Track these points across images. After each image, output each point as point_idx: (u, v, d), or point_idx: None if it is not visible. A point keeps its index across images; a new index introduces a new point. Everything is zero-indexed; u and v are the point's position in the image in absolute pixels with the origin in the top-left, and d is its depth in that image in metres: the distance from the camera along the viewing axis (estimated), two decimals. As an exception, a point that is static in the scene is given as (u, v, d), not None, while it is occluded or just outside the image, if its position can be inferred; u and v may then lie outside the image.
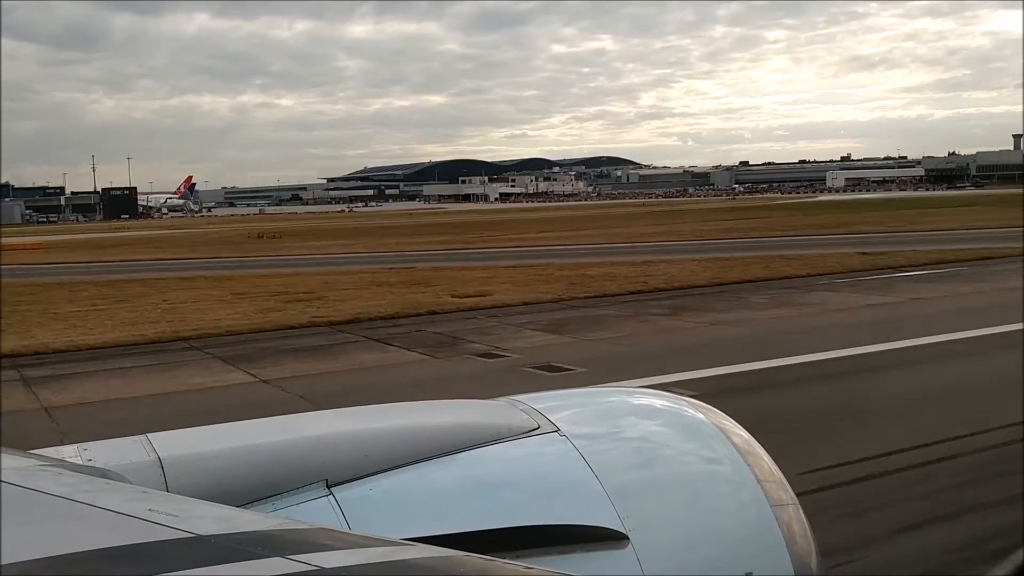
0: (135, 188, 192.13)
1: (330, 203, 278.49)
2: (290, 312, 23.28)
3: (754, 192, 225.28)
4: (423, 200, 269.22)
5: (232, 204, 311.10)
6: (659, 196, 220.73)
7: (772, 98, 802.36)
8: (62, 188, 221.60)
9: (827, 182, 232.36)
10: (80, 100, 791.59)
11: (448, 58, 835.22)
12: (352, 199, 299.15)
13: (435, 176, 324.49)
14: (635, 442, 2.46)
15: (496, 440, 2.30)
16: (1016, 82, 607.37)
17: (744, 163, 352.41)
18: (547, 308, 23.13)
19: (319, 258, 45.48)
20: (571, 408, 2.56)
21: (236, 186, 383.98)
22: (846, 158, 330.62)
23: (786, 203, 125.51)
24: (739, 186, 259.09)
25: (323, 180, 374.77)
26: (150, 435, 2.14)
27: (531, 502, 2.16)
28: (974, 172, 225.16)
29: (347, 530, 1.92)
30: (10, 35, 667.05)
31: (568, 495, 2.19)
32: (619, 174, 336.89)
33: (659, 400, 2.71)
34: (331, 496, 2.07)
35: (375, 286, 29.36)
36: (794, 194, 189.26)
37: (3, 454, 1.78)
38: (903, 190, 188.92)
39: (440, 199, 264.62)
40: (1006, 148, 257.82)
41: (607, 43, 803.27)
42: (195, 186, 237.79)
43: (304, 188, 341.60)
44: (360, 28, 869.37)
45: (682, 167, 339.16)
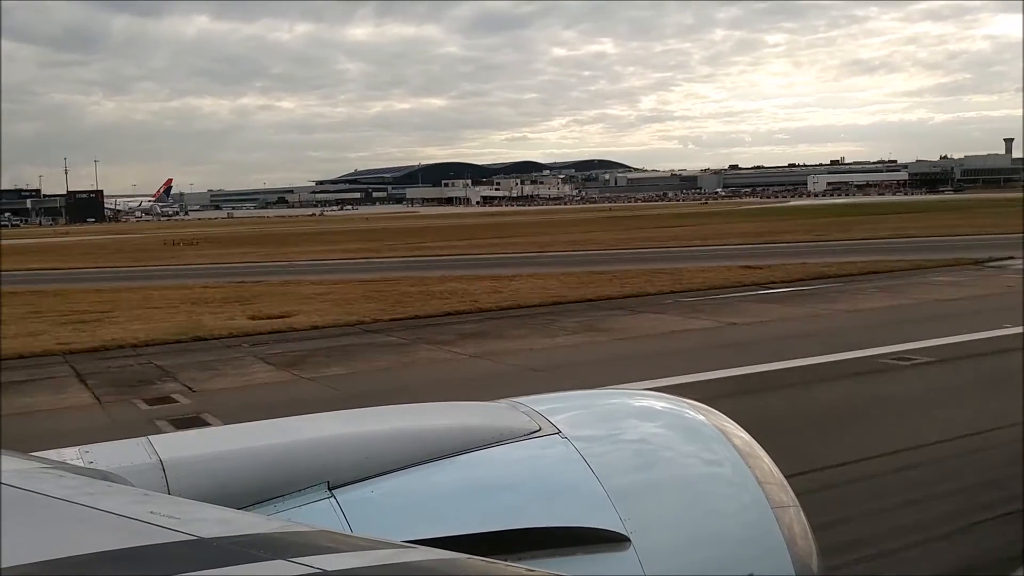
0: (101, 191, 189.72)
1: (315, 206, 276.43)
2: (43, 339, 20.60)
3: (734, 196, 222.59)
4: (407, 203, 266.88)
5: (218, 207, 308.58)
6: (638, 200, 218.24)
7: (772, 102, 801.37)
8: (38, 191, 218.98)
9: (808, 186, 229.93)
10: (80, 102, 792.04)
11: (448, 61, 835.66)
12: (339, 202, 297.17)
13: (415, 180, 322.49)
14: (636, 444, 2.44)
15: (497, 442, 2.28)
16: (1016, 86, 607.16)
17: (734, 166, 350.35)
18: (336, 333, 20.41)
19: (190, 269, 42.69)
20: (572, 410, 2.55)
21: (222, 188, 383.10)
22: (836, 162, 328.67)
23: (749, 208, 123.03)
24: (721, 190, 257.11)
25: (311, 183, 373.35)
26: (151, 437, 2.14)
27: (532, 504, 2.15)
28: (959, 176, 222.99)
29: (349, 532, 1.91)
30: (9, 36, 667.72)
31: (569, 497, 2.18)
32: (607, 177, 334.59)
33: (660, 402, 2.70)
34: (333, 498, 2.05)
35: (189, 303, 26.67)
36: (771, 199, 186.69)
37: (4, 456, 1.77)
38: (882, 195, 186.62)
39: (423, 202, 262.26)
40: (994, 152, 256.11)
41: (607, 46, 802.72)
42: (171, 189, 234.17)
43: (291, 191, 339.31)
44: (360, 31, 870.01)
45: (671, 171, 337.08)
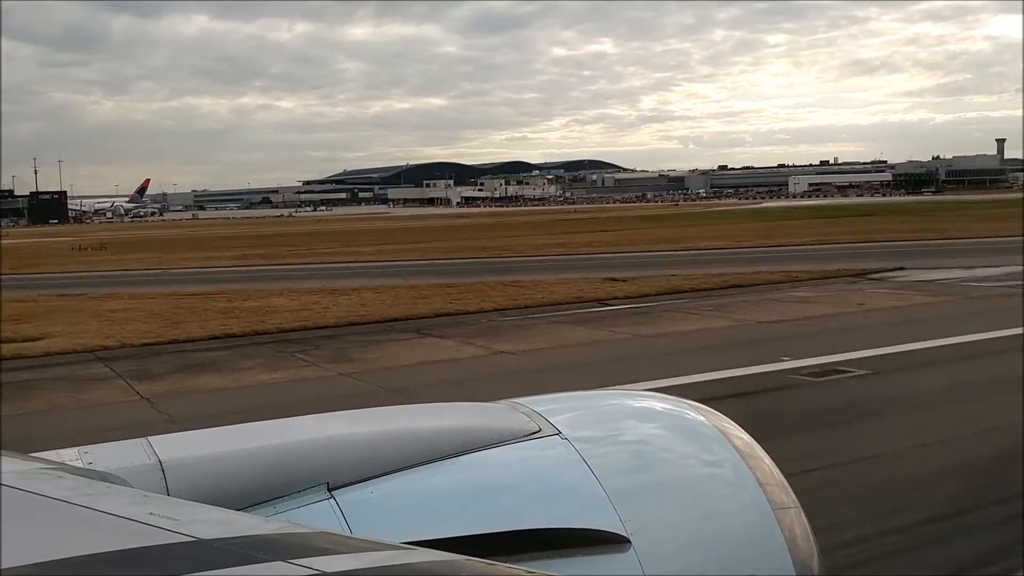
0: (64, 192, 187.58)
1: (299, 206, 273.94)
2: None
3: (713, 198, 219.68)
4: (390, 204, 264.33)
5: (202, 207, 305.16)
6: (616, 201, 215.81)
7: (773, 102, 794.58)
8: (11, 191, 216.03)
9: (789, 187, 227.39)
10: (79, 102, 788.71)
11: (447, 60, 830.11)
12: (323, 202, 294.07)
13: (401, 180, 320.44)
14: (636, 445, 2.42)
15: (497, 443, 2.27)
16: (1016, 86, 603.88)
17: (723, 167, 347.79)
18: (66, 361, 17.72)
19: (30, 279, 39.75)
20: (572, 411, 2.53)
21: (207, 189, 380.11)
22: (826, 162, 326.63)
23: (714, 210, 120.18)
24: (703, 191, 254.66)
25: (298, 183, 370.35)
26: (151, 438, 2.13)
27: (532, 505, 2.14)
28: (943, 177, 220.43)
29: (348, 534, 1.91)
30: (9, 36, 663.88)
31: (569, 498, 2.17)
32: (595, 178, 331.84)
33: (660, 403, 2.68)
34: (332, 500, 2.04)
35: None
36: (750, 200, 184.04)
37: (3, 457, 1.77)
38: (860, 196, 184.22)
39: (405, 203, 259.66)
40: (983, 153, 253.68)
41: (607, 46, 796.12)
42: (146, 190, 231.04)
43: (276, 191, 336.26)
44: (359, 30, 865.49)
45: (659, 172, 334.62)
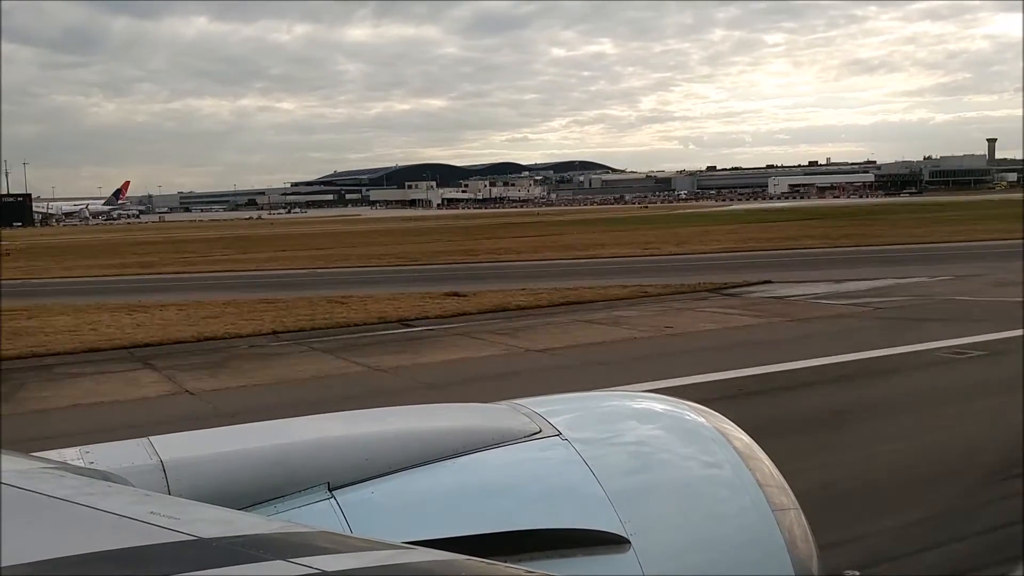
0: (29, 195, 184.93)
1: (283, 208, 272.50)
2: None
3: (689, 199, 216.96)
4: (372, 206, 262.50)
5: (187, 209, 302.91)
6: (595, 203, 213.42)
7: (772, 102, 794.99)
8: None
9: (769, 189, 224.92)
10: (80, 103, 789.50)
11: (447, 61, 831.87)
12: (310, 204, 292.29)
13: (391, 181, 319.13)
14: (637, 446, 2.42)
15: (498, 444, 2.27)
16: (1016, 86, 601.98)
17: (712, 167, 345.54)
18: None
19: None
20: (572, 412, 2.53)
21: (193, 191, 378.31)
22: (814, 163, 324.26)
23: (679, 213, 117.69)
24: (684, 193, 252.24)
25: (286, 185, 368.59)
26: (152, 438, 2.12)
27: (533, 506, 2.14)
28: (927, 178, 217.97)
29: (349, 534, 1.91)
30: (9, 38, 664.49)
31: (570, 499, 2.17)
32: (581, 179, 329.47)
33: (660, 404, 2.67)
34: (333, 499, 2.04)
35: None
36: (727, 201, 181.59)
37: (5, 456, 1.77)
38: (836, 197, 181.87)
39: (387, 204, 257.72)
40: (970, 153, 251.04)
41: (606, 47, 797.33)
42: (120, 192, 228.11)
43: (262, 193, 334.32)
44: (359, 31, 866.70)
45: (646, 172, 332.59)
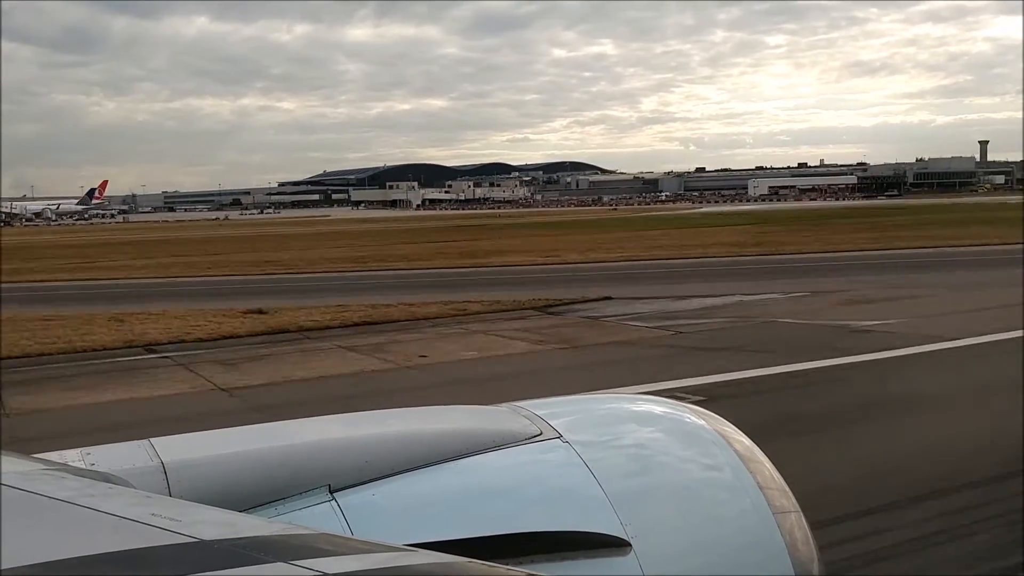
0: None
1: (269, 207, 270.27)
2: None
3: (667, 202, 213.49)
4: (353, 206, 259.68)
5: (171, 209, 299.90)
6: (572, 204, 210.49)
7: (774, 103, 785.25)
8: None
9: (749, 191, 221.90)
10: (81, 102, 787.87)
11: (448, 61, 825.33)
12: (295, 204, 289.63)
13: (379, 181, 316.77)
14: (637, 448, 2.42)
15: (498, 446, 2.27)
16: (1017, 88, 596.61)
17: (701, 168, 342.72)
18: None
19: None
20: (573, 414, 2.53)
21: (178, 190, 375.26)
22: (803, 164, 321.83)
23: (644, 215, 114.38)
24: (666, 194, 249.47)
25: (273, 184, 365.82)
26: (153, 440, 2.13)
27: (533, 508, 2.14)
28: (911, 180, 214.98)
29: (350, 536, 1.91)
30: (9, 37, 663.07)
31: (570, 501, 2.16)
32: (568, 180, 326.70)
33: (661, 407, 2.68)
34: (334, 501, 2.04)
35: None
36: (703, 203, 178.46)
37: (6, 458, 1.76)
38: (812, 200, 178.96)
39: (368, 205, 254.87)
40: (958, 156, 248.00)
41: (607, 47, 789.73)
42: (94, 192, 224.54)
43: (247, 192, 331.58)
44: (359, 31, 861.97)
45: (634, 174, 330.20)
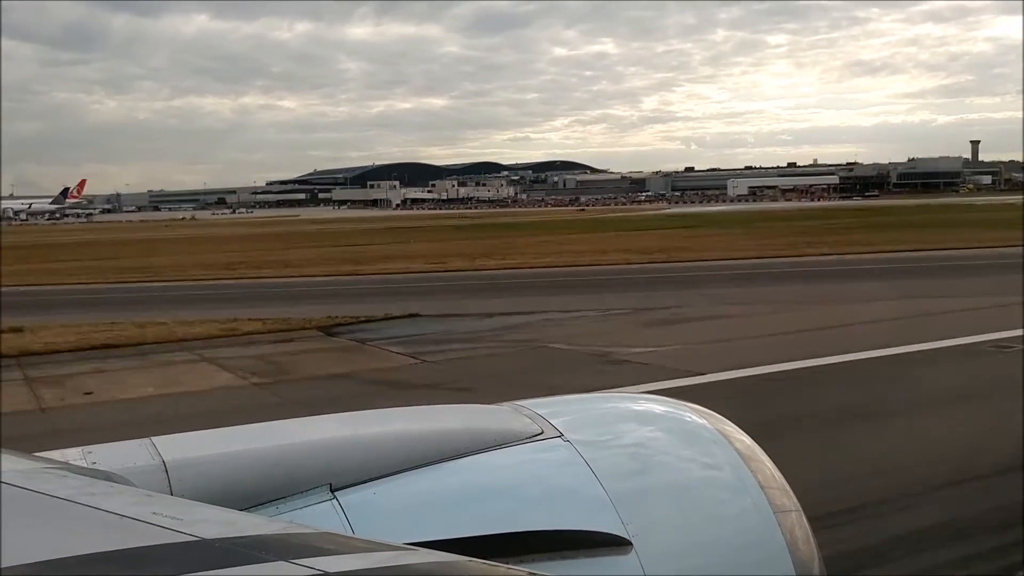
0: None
1: (254, 207, 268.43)
2: None
3: (645, 202, 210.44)
4: (334, 205, 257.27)
5: (156, 208, 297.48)
6: (549, 204, 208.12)
7: (775, 103, 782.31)
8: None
9: (728, 191, 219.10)
10: (82, 101, 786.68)
11: (449, 60, 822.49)
12: (280, 203, 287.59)
13: (347, 182, 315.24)
14: (638, 447, 2.41)
15: (499, 445, 2.27)
16: (1018, 88, 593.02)
17: (689, 168, 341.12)
18: None
19: None
20: (574, 413, 2.54)
21: (163, 189, 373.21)
22: (792, 164, 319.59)
23: (599, 218, 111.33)
24: (644, 195, 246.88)
25: (262, 183, 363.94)
26: (154, 438, 2.12)
27: (534, 507, 2.14)
28: (894, 180, 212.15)
29: (351, 535, 1.90)
30: (8, 35, 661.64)
31: (571, 500, 2.16)
32: (555, 180, 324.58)
33: (662, 406, 2.67)
34: (335, 500, 2.04)
35: None
36: (679, 204, 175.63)
37: (6, 456, 1.76)
38: (788, 200, 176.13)
39: (348, 204, 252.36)
40: (945, 155, 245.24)
41: (608, 46, 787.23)
42: (68, 191, 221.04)
43: (233, 191, 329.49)
44: (360, 30, 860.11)
45: (622, 173, 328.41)
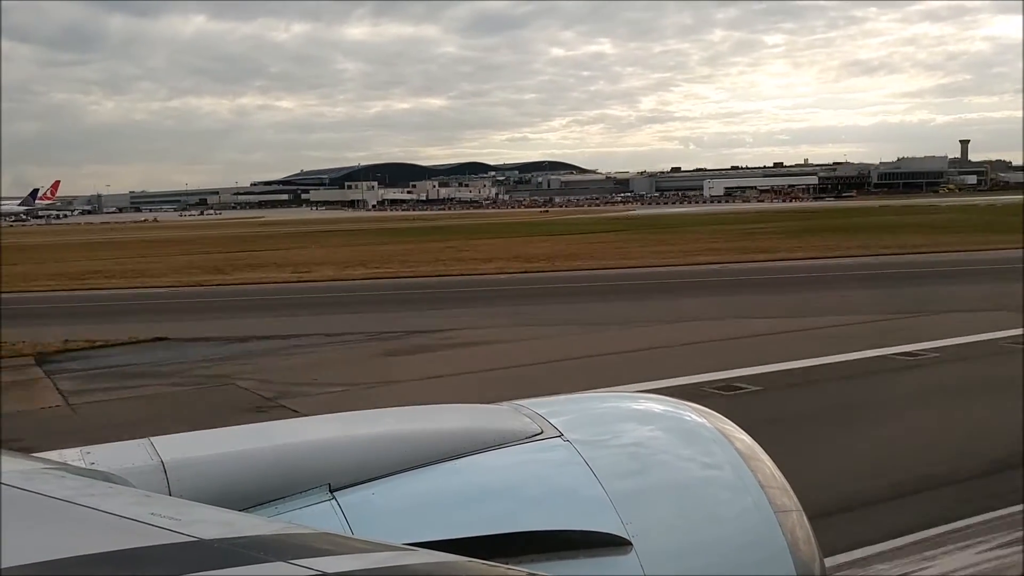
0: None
1: (234, 208, 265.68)
2: None
3: (619, 203, 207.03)
4: (312, 207, 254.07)
5: (138, 209, 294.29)
6: (524, 205, 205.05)
7: (773, 102, 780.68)
8: None
9: (704, 191, 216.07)
10: (80, 101, 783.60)
11: (447, 61, 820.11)
12: (262, 204, 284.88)
13: (327, 183, 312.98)
14: (638, 447, 2.40)
15: (499, 445, 2.25)
16: (1016, 87, 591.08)
17: (676, 168, 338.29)
18: None
19: None
20: (574, 413, 2.51)
21: (145, 190, 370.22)
22: (779, 164, 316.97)
23: (555, 219, 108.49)
24: (621, 197, 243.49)
25: (245, 184, 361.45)
26: (153, 439, 2.12)
27: (534, 507, 2.13)
28: (875, 180, 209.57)
29: (350, 535, 1.90)
30: (6, 35, 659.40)
31: (571, 500, 2.15)
32: (540, 180, 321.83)
33: (662, 405, 2.65)
34: (334, 501, 2.03)
35: None
36: (646, 205, 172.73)
37: (6, 457, 1.76)
38: (760, 201, 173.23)
39: (325, 205, 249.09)
40: (931, 155, 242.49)
41: (606, 47, 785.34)
42: (38, 192, 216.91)
43: (215, 192, 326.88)
44: (357, 30, 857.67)
45: (605, 174, 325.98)
